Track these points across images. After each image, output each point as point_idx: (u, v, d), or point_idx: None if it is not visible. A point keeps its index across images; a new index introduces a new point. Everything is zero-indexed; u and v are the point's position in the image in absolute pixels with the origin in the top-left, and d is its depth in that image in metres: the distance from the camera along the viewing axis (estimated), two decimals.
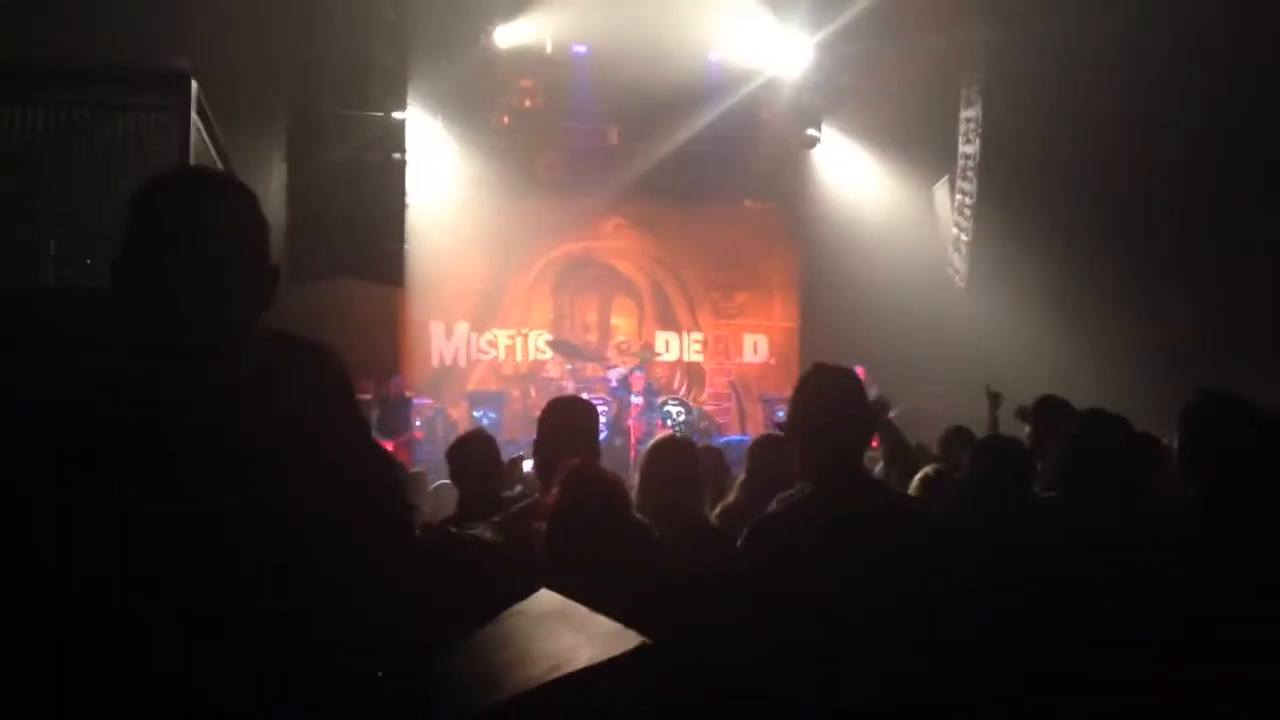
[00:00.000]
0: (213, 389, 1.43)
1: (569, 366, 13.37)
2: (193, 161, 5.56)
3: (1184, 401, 2.81)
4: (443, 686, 1.47)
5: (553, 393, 12.95)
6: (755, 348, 14.61)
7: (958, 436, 5.04)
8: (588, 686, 1.45)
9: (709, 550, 3.26)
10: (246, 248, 1.52)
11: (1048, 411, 4.41)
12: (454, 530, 1.80)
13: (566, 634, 1.58)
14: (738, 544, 2.51)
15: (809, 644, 2.19)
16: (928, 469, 3.84)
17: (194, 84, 5.62)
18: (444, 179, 13.20)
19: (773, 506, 2.66)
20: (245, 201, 1.55)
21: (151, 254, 1.45)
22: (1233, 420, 2.71)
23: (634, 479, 3.58)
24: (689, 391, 14.18)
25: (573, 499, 2.64)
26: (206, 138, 5.97)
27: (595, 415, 3.54)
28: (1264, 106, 9.25)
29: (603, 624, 1.60)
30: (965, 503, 3.31)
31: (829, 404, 2.50)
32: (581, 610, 1.66)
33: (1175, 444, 2.83)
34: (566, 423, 3.33)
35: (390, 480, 1.57)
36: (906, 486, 3.80)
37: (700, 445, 4.44)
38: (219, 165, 6.45)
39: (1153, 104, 9.70)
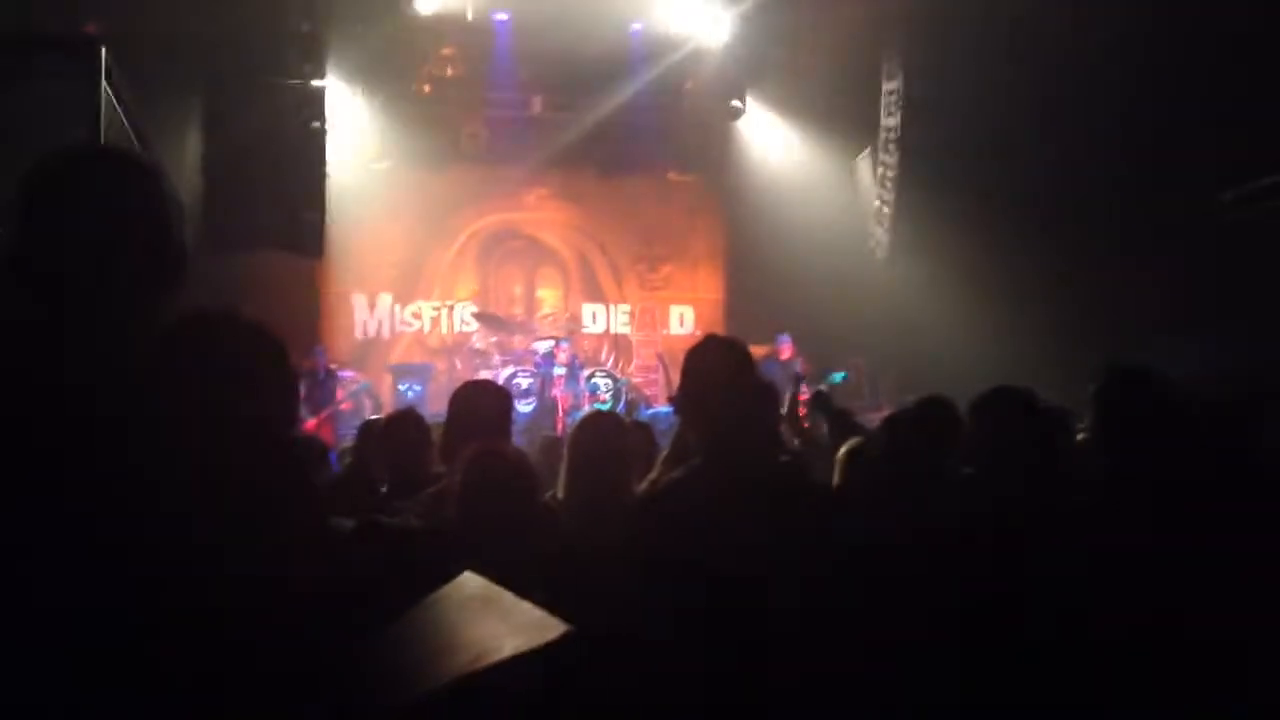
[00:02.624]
0: (114, 374, 1.37)
1: (495, 339, 13.28)
2: (103, 131, 5.38)
3: (1096, 374, 2.88)
4: (366, 677, 1.44)
5: (478, 365, 12.90)
6: (682, 319, 14.65)
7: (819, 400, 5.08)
8: (512, 676, 1.44)
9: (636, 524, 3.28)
10: (150, 228, 1.46)
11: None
12: (379, 518, 1.78)
13: (491, 621, 1.57)
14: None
15: (698, 617, 2.19)
16: (852, 442, 3.88)
17: (103, 50, 5.44)
18: (364, 149, 12.97)
19: (664, 481, 2.67)
20: (149, 178, 1.49)
21: (46, 235, 1.40)
22: (1141, 391, 2.77)
23: (564, 451, 3.58)
24: (616, 363, 14.18)
25: (474, 483, 2.64)
26: (118, 107, 5.79)
27: (506, 401, 3.53)
28: (1184, 84, 9.49)
29: (527, 611, 1.58)
30: (874, 474, 3.31)
31: (718, 376, 2.50)
32: (507, 596, 1.64)
33: (1087, 416, 2.89)
34: (473, 408, 3.32)
35: (299, 472, 1.53)
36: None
37: (629, 422, 4.44)
38: (131, 135, 6.26)
39: (1072, 78, 9.90)
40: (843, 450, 3.82)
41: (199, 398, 1.42)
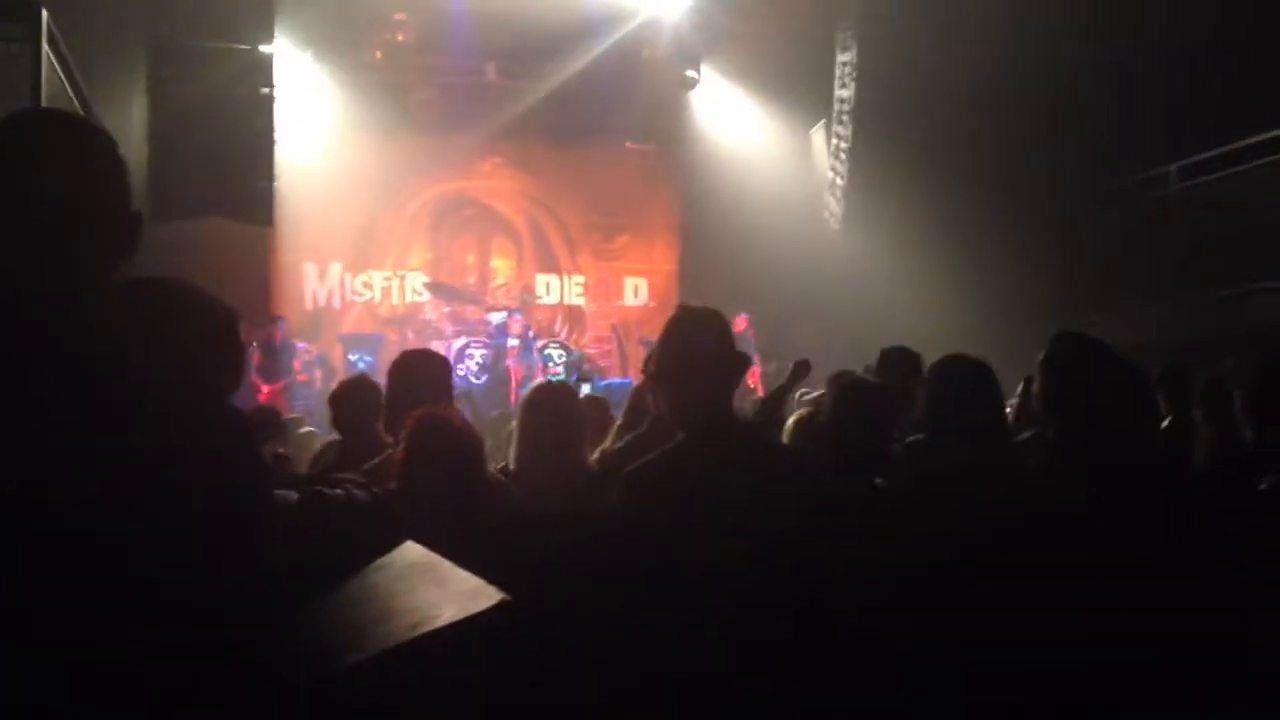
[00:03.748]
0: (59, 344, 1.34)
1: (447, 309, 13.19)
2: (45, 96, 5.25)
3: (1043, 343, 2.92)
4: (303, 644, 1.45)
5: (430, 335, 12.83)
6: (636, 291, 14.63)
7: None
8: (448, 644, 1.45)
9: (591, 495, 3.29)
10: (98, 194, 1.42)
11: (897, 361, 4.43)
12: (323, 490, 1.78)
13: (428, 589, 1.58)
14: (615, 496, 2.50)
15: (684, 594, 2.18)
16: (800, 412, 3.90)
17: (44, 13, 5.29)
18: (314, 116, 12.76)
19: (648, 456, 2.65)
20: (96, 143, 1.45)
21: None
22: (1087, 361, 2.81)
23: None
24: (570, 334, 14.16)
25: (418, 450, 2.62)
26: (60, 71, 5.64)
27: (445, 368, 3.52)
28: (1136, 57, 9.60)
29: (465, 579, 1.59)
30: (826, 444, 3.32)
31: (696, 348, 2.46)
32: (445, 565, 1.65)
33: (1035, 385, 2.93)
34: (414, 376, 3.31)
35: (246, 444, 1.52)
36: None
37: (584, 394, 4.44)
38: (73, 100, 6.11)
39: (1024, 51, 9.98)
40: (791, 420, 3.84)
41: (147, 366, 1.40)
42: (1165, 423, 4.75)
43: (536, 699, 1.95)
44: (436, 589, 1.57)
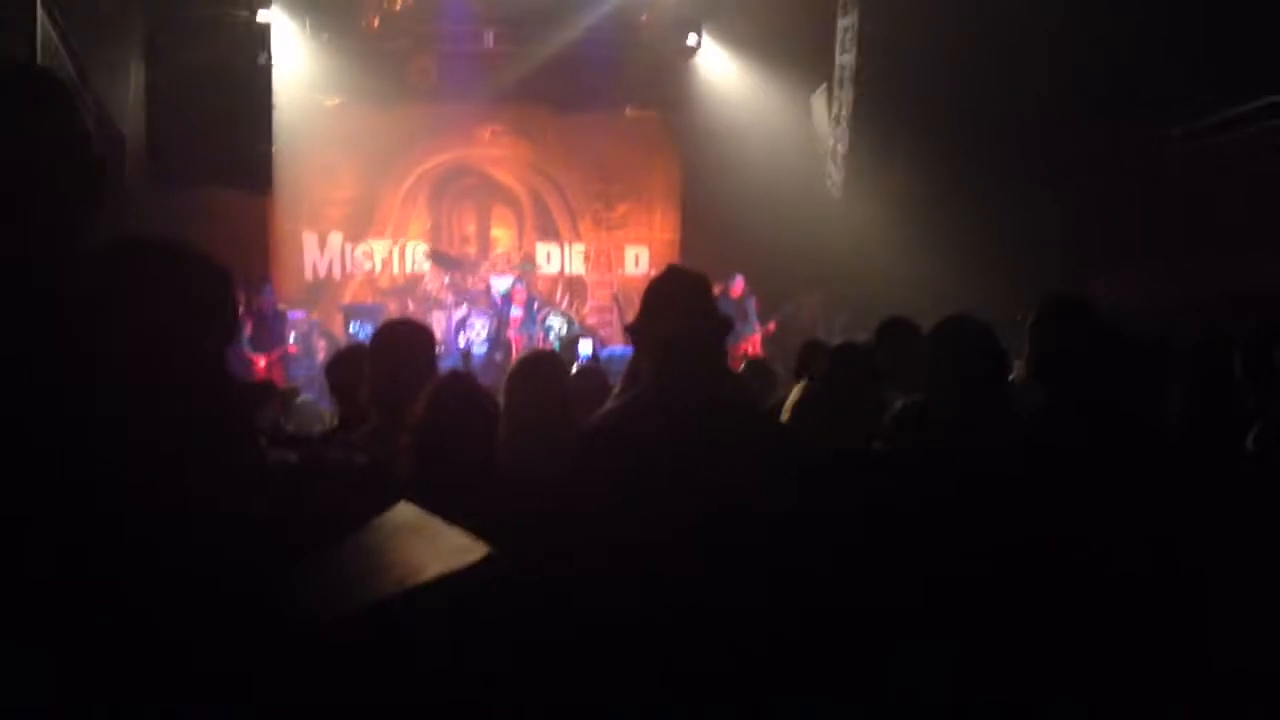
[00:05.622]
0: (34, 296, 1.34)
1: (448, 279, 13.17)
2: (40, 62, 5.22)
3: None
4: (292, 600, 1.47)
5: (431, 306, 12.82)
6: (637, 260, 14.57)
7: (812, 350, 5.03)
8: (435, 597, 1.49)
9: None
10: (57, 142, 1.42)
11: (894, 332, 4.38)
12: (323, 453, 1.78)
13: (418, 547, 1.61)
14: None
15: (640, 545, 2.19)
16: (802, 386, 3.87)
17: None
18: (312, 85, 12.69)
19: (606, 410, 2.65)
20: (51, 93, 1.44)
21: None
22: (1076, 323, 2.81)
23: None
24: (571, 304, 14.14)
25: (444, 410, 2.62)
26: (56, 38, 5.61)
27: (428, 337, 3.52)
28: (1143, 21, 9.54)
29: (455, 536, 1.63)
30: (812, 406, 3.30)
31: (674, 305, 2.48)
32: (436, 523, 1.68)
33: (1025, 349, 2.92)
34: (397, 346, 3.29)
35: (234, 403, 1.52)
36: None
37: (580, 366, 4.45)
38: (69, 66, 6.08)
39: (1027, 16, 9.91)
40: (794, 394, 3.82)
41: (134, 323, 1.40)
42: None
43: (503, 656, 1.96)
44: (425, 545, 1.61)
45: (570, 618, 2.07)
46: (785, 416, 3.59)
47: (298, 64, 12.29)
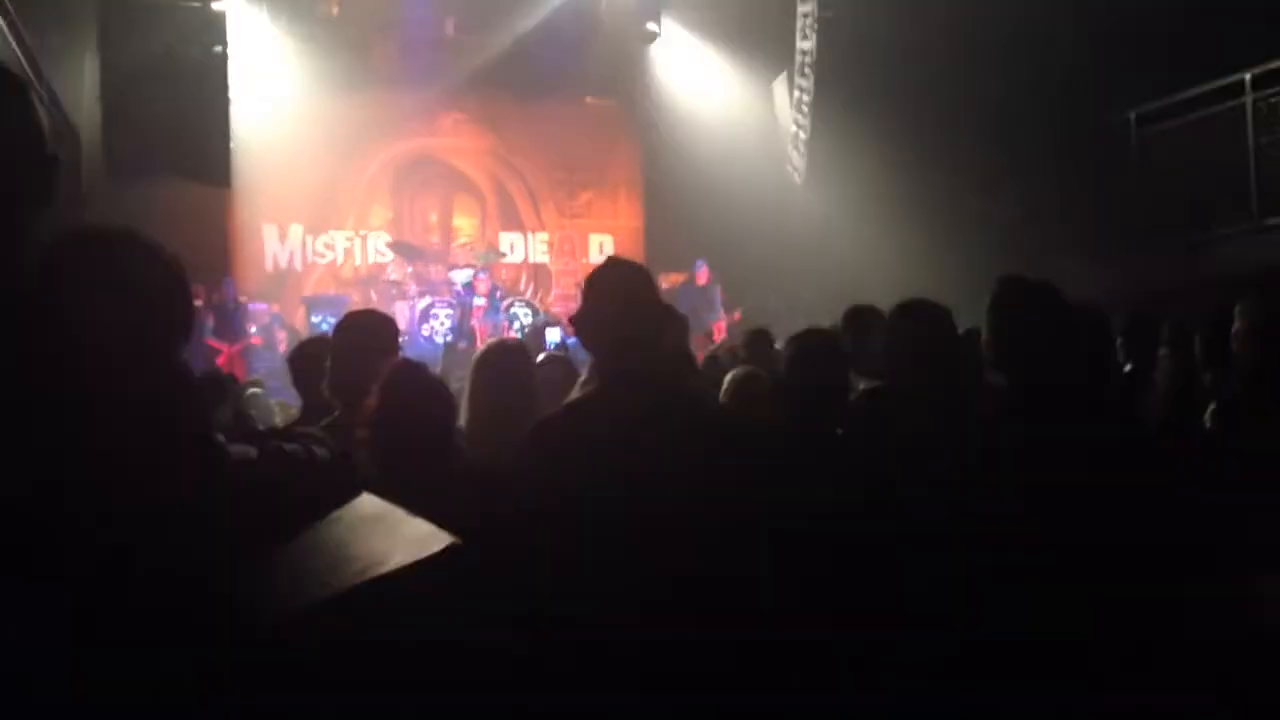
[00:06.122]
0: None
1: (411, 269, 13.08)
2: None
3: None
4: (255, 593, 1.46)
5: (394, 296, 12.72)
6: (602, 247, 14.51)
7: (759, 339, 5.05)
8: (396, 588, 1.47)
9: None
10: (8, 138, 1.40)
11: (859, 318, 4.39)
12: (282, 445, 1.77)
13: (380, 538, 1.60)
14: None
15: (587, 542, 2.18)
16: (735, 371, 3.87)
17: None
18: (270, 74, 12.53)
19: (556, 409, 2.64)
20: (12, 87, 1.42)
21: None
22: (1035, 306, 2.83)
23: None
24: (536, 293, 14.10)
25: (396, 400, 2.61)
26: (5, 27, 5.51)
27: (391, 327, 3.51)
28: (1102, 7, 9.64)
29: (416, 526, 1.61)
30: (780, 397, 3.31)
31: (617, 298, 2.44)
32: (398, 513, 1.67)
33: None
34: (358, 337, 3.29)
35: (188, 398, 1.51)
36: None
37: (545, 354, 4.44)
38: (21, 60, 5.97)
39: (980, 1, 9.98)
40: (728, 377, 3.81)
41: (87, 316, 1.38)
42: (1127, 369, 4.82)
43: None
44: (387, 535, 1.60)
45: (522, 613, 2.08)
46: (723, 398, 3.59)
47: (256, 52, 12.13)
